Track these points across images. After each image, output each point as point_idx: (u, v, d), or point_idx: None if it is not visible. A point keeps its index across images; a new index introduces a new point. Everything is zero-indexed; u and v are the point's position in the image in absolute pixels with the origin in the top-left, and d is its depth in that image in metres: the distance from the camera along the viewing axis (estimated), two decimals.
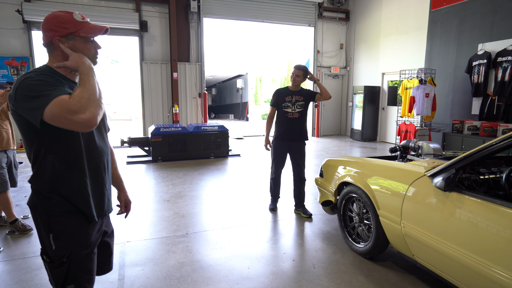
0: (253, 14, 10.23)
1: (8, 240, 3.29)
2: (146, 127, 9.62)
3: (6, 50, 8.22)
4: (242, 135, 11.65)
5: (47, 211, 1.37)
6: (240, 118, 22.01)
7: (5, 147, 3.40)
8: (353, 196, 3.02)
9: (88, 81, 1.24)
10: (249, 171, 6.28)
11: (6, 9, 8.09)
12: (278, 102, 3.93)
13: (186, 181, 5.48)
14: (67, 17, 1.34)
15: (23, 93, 1.21)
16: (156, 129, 7.10)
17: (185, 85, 9.86)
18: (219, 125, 7.65)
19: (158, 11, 9.41)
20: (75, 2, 8.72)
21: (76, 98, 1.18)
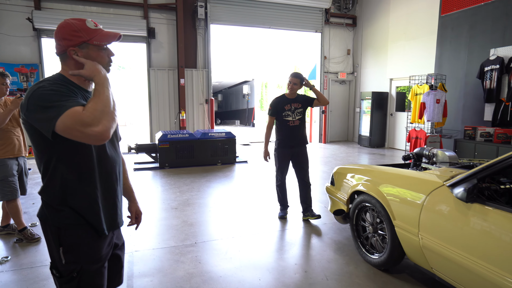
0: (260, 20, 10.26)
1: (16, 248, 3.26)
2: (153, 133, 9.63)
3: (16, 57, 8.32)
4: (249, 141, 11.62)
5: (57, 224, 1.34)
6: (246, 124, 21.99)
7: (17, 154, 3.40)
8: (366, 206, 2.95)
9: (103, 92, 1.21)
10: (256, 178, 6.22)
11: (17, 17, 8.21)
12: (277, 112, 3.95)
13: (193, 188, 5.44)
14: (80, 25, 1.31)
15: (35, 102, 1.18)
16: (164, 135, 7.09)
17: (192, 91, 9.88)
18: (226, 131, 7.62)
19: (165, 18, 9.48)
20: (84, 10, 8.82)
21: (90, 110, 1.15)
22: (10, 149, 3.33)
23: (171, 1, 9.35)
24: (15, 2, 8.23)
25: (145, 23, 9.03)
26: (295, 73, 3.93)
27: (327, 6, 10.77)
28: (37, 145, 1.31)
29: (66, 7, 8.66)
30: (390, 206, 2.58)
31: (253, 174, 6.56)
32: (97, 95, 1.20)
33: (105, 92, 1.21)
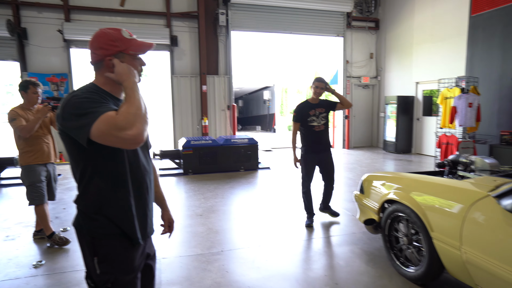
0: (281, 26, 10.24)
1: (49, 253, 3.33)
2: (176, 139, 9.75)
3: (48, 67, 8.67)
4: (271, 147, 11.56)
5: (92, 233, 1.34)
6: (267, 130, 21.92)
7: (46, 160, 3.51)
8: (400, 216, 2.81)
9: (133, 96, 1.22)
10: (280, 185, 6.15)
11: (48, 30, 8.56)
12: (303, 117, 3.98)
13: (217, 195, 5.43)
14: (116, 34, 1.33)
15: (70, 111, 1.21)
16: (187, 141, 7.15)
17: (214, 98, 9.95)
18: (249, 137, 7.60)
19: (188, 26, 9.63)
20: (110, 20, 9.09)
21: (123, 114, 1.15)
22: (39, 155, 3.44)
23: (193, 9, 9.50)
24: (47, 15, 8.59)
25: (168, 32, 9.20)
26: (319, 78, 3.97)
27: (349, 10, 10.63)
28: (72, 155, 1.33)
29: (93, 18, 8.96)
30: (426, 216, 2.45)
31: (276, 181, 6.49)
32: (128, 99, 1.21)
33: (135, 96, 1.22)
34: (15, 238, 3.70)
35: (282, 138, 15.43)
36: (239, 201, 5.13)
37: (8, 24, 7.95)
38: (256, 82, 20.22)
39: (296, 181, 6.35)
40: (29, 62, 8.58)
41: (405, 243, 2.78)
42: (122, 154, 1.33)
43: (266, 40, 11.74)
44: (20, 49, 8.43)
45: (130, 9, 9.11)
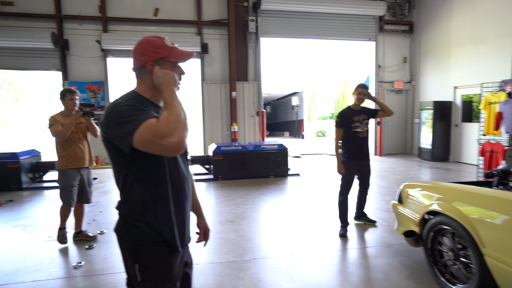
0: (311, 31, 10.15)
1: (87, 255, 3.44)
2: (206, 145, 9.87)
3: (86, 76, 9.11)
4: (300, 153, 11.43)
5: (133, 240, 1.35)
6: (296, 136, 21.73)
7: (79, 165, 3.67)
8: (444, 228, 2.64)
9: (172, 103, 1.22)
10: (310, 192, 6.03)
11: (88, 40, 9.02)
12: (347, 123, 3.93)
13: (248, 201, 5.41)
14: (159, 42, 1.36)
15: (113, 119, 1.23)
16: (217, 147, 7.21)
17: (243, 104, 10.00)
18: (279, 143, 7.55)
19: (218, 33, 9.78)
20: (144, 30, 9.42)
21: (164, 121, 1.15)
22: (73, 160, 3.62)
23: (223, 17, 9.65)
24: (87, 27, 9.05)
25: (199, 39, 9.39)
26: (363, 84, 3.94)
27: (381, 13, 10.36)
28: (115, 162, 1.35)
29: (129, 28, 9.33)
30: (476, 231, 2.27)
31: (306, 188, 6.38)
32: (167, 106, 1.22)
33: (174, 103, 1.22)
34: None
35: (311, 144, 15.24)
36: (269, 208, 5.08)
37: (52, 36, 8.45)
38: (284, 88, 20.18)
39: (327, 188, 6.23)
40: (69, 71, 9.06)
41: (450, 259, 2.60)
42: (163, 161, 1.34)
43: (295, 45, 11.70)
44: (62, 60, 8.92)
45: (163, 18, 9.40)
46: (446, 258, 2.66)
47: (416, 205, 3.00)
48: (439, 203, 2.68)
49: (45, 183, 6.93)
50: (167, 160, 1.35)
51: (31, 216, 4.70)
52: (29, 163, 6.60)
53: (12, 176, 6.18)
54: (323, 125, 24.73)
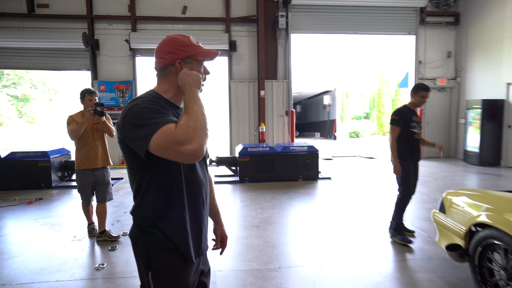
0: (345, 26, 9.91)
1: (110, 256, 3.52)
2: (232, 146, 9.91)
3: (115, 75, 9.44)
4: (331, 156, 11.22)
5: (147, 246, 1.34)
6: (327, 137, 21.40)
7: (92, 165, 3.85)
8: (495, 244, 2.42)
9: (192, 107, 1.20)
10: (342, 197, 5.85)
11: (117, 40, 9.35)
12: (405, 122, 3.86)
13: (275, 205, 5.33)
14: (186, 40, 1.37)
15: (130, 121, 1.22)
16: (244, 148, 7.20)
17: (272, 103, 9.94)
18: (308, 145, 7.43)
19: (246, 30, 9.79)
20: (172, 28, 9.62)
21: (183, 128, 1.14)
22: (86, 160, 3.82)
23: (252, 13, 9.64)
24: (116, 26, 9.39)
25: (227, 37, 9.44)
26: (426, 86, 3.87)
27: (422, 4, 9.90)
28: (130, 165, 1.35)
29: (157, 27, 9.56)
30: None
31: (338, 192, 6.20)
32: (187, 111, 1.20)
33: (194, 107, 1.20)
34: (81, 239, 4.00)
35: (344, 146, 14.92)
36: (297, 213, 4.99)
37: (84, 36, 8.83)
38: (316, 86, 19.94)
39: (361, 194, 6.03)
40: (99, 71, 9.44)
41: (503, 278, 2.37)
42: (179, 166, 1.33)
43: (327, 41, 11.47)
44: (92, 59, 9.31)
45: (191, 16, 9.55)
46: (497, 277, 2.43)
47: (461, 215, 2.78)
48: (489, 214, 2.46)
49: (73, 182, 7.23)
50: (183, 164, 1.33)
51: (58, 215, 4.91)
52: (58, 162, 6.93)
53: (43, 174, 6.51)
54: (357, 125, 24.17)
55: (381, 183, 7.02)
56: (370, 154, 11.44)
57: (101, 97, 9.29)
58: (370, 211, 5.03)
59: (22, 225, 4.51)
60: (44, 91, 29.21)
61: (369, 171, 8.50)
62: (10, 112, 26.82)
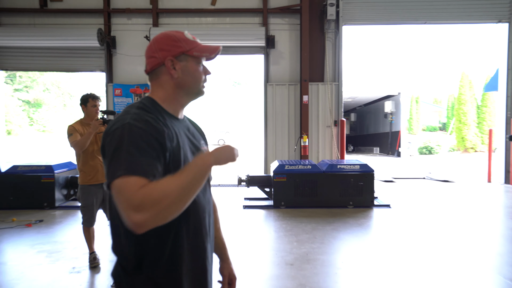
0: (411, 14, 9.69)
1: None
2: (267, 162, 9.87)
3: (132, 77, 9.87)
4: (392, 177, 11.02)
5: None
6: (389, 153, 20.92)
7: (100, 180, 4.02)
8: None
9: (185, 179, 1.15)
10: (405, 232, 5.59)
11: (136, 37, 9.80)
12: None
13: (316, 238, 5.20)
14: (179, 35, 1.41)
15: (110, 140, 1.23)
16: (280, 166, 7.14)
17: (317, 111, 9.83)
18: (362, 163, 7.27)
19: (287, 23, 9.84)
20: (200, 22, 9.93)
21: (148, 192, 1.10)
22: (93, 175, 3.98)
23: (294, 3, 9.69)
24: (136, 21, 9.87)
25: (264, 31, 9.52)
26: None
27: None
28: None
29: (182, 21, 9.91)
30: None
31: (399, 225, 5.95)
32: (177, 178, 1.15)
33: (185, 180, 1.15)
34: (81, 271, 4.10)
35: (410, 165, 14.42)
36: (344, 250, 4.85)
37: (99, 33, 9.36)
38: (374, 90, 19.64)
39: (432, 229, 5.77)
40: (115, 72, 9.92)
41: None
42: None
43: (388, 35, 11.25)
44: (108, 59, 9.83)
45: (221, 7, 9.80)
46: None
47: None
48: None
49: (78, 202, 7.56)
50: None
51: (58, 241, 5.10)
52: (64, 178, 7.29)
53: (46, 192, 6.86)
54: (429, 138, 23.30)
55: (460, 215, 6.63)
56: (446, 176, 11.08)
57: (116, 103, 9.73)
58: (445, 253, 4.72)
59: (18, 251, 4.73)
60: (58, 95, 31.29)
61: (443, 198, 8.15)
62: (20, 119, 28.95)
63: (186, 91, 1.42)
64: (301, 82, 9.64)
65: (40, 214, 6.49)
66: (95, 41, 9.39)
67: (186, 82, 1.40)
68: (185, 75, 1.39)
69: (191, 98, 1.46)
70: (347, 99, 20.43)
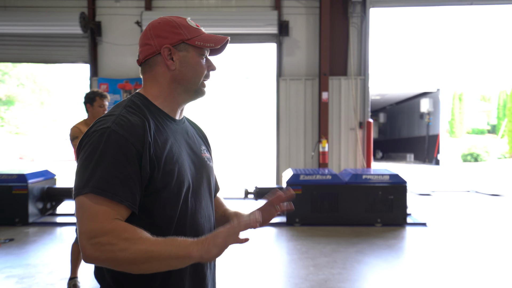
0: None
1: None
2: (279, 171, 9.87)
3: (121, 71, 9.96)
4: (430, 190, 11.01)
5: None
6: (425, 161, 20.85)
7: None
8: None
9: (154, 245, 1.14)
10: (445, 256, 5.59)
11: (125, 22, 9.90)
12: None
13: (336, 263, 5.22)
14: (180, 21, 1.42)
15: (84, 146, 1.26)
16: (294, 176, 7.16)
17: (339, 110, 9.83)
18: (392, 173, 7.29)
19: (304, 5, 9.87)
20: (201, 5, 10.02)
21: (112, 233, 1.13)
22: None
23: None
24: (125, 3, 9.97)
25: (276, 15, 9.55)
26: None
27: None
28: None
29: (180, 4, 10.02)
30: None
31: (438, 248, 5.97)
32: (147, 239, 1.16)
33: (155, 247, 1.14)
34: None
35: (452, 175, 14.36)
36: (371, 277, 4.87)
37: (81, 18, 9.44)
38: (408, 86, 19.61)
39: (478, 252, 5.75)
40: (100, 64, 10.01)
41: None
42: (175, 206, 1.33)
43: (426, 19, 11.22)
44: (92, 49, 9.92)
45: None
46: None
47: None
48: None
49: (58, 217, 7.61)
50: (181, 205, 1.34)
51: (31, 264, 5.14)
52: (39, 189, 7.36)
53: (18, 205, 6.89)
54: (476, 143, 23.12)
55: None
56: (495, 189, 11.03)
57: None
58: (492, 283, 4.69)
59: None
60: (34, 91, 31.67)
61: (492, 216, 8.13)
62: None
63: (184, 87, 1.42)
64: (320, 76, 9.63)
65: (11, 232, 6.54)
66: (77, 27, 9.47)
67: (184, 75, 1.40)
68: (183, 67, 1.39)
69: (189, 96, 1.46)
70: (375, 96, 20.38)
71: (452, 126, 25.13)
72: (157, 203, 1.29)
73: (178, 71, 1.38)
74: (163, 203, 1.29)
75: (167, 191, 1.29)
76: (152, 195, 1.27)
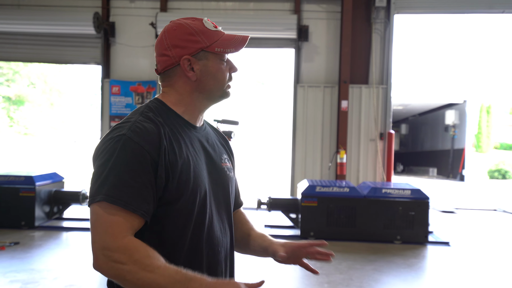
0: (485, 0, 9.63)
1: None
2: (294, 182, 9.84)
3: (134, 72, 10.08)
4: (453, 207, 10.86)
5: None
6: (449, 176, 20.61)
7: None
8: None
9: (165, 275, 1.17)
10: (469, 277, 5.54)
11: (139, 23, 10.02)
12: None
13: (352, 280, 5.19)
14: (197, 25, 1.39)
15: (97, 153, 1.30)
16: (310, 187, 7.13)
17: (358, 120, 9.81)
18: (414, 188, 7.23)
19: (325, 10, 9.90)
20: (217, 7, 10.12)
21: (124, 252, 1.16)
22: None
23: None
24: (139, 4, 10.10)
25: (296, 20, 9.59)
26: None
27: None
28: None
29: (196, 5, 10.11)
30: None
31: (461, 268, 5.92)
32: (158, 266, 1.18)
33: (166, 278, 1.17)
34: None
35: (478, 192, 14.19)
36: None
37: (95, 18, 9.60)
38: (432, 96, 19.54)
39: (505, 274, 5.69)
40: (113, 65, 10.15)
41: None
42: (188, 222, 1.33)
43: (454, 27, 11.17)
44: (105, 50, 10.06)
45: None
46: None
47: None
48: None
49: (65, 222, 7.70)
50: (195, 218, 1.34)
51: (36, 269, 5.19)
52: (47, 192, 7.46)
53: (24, 208, 7.00)
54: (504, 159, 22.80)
55: None
56: None
57: (113, 103, 9.94)
58: None
59: None
60: (44, 91, 32.12)
61: None
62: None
63: (207, 95, 1.43)
64: (339, 84, 9.63)
65: (16, 235, 6.61)
66: (90, 28, 9.63)
67: (206, 85, 1.40)
68: (205, 76, 1.39)
69: (212, 102, 1.48)
70: (397, 106, 20.26)
71: (478, 140, 24.83)
72: (170, 214, 1.30)
73: (200, 81, 1.39)
74: (176, 213, 1.31)
75: (181, 201, 1.30)
76: (165, 205, 1.29)
